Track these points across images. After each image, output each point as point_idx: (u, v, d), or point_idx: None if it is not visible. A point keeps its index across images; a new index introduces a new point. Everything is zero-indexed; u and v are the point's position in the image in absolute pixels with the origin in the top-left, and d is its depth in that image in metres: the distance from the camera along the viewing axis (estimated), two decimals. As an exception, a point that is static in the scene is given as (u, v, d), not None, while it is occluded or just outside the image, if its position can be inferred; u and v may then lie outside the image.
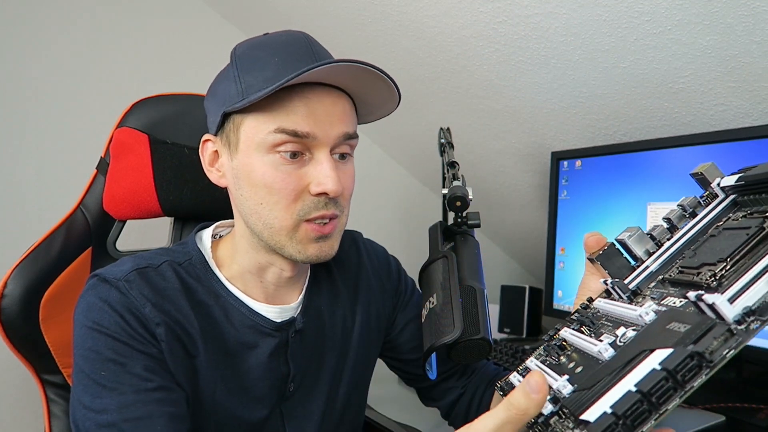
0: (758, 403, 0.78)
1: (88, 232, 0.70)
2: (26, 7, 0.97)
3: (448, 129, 0.79)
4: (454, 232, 0.63)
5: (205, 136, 0.56)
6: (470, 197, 0.59)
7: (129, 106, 0.72)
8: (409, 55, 1.02)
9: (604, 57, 0.83)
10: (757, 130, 0.75)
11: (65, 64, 1.00)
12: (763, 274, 0.26)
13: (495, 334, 1.22)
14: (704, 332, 0.26)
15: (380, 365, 0.72)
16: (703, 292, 0.28)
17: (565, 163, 1.04)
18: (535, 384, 0.27)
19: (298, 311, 0.58)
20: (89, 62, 1.03)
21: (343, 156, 0.53)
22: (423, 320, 0.54)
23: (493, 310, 1.24)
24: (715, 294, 0.26)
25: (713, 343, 0.25)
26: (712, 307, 0.26)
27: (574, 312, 0.40)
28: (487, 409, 0.64)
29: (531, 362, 0.38)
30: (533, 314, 1.20)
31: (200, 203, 0.73)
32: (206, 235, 0.58)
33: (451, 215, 0.63)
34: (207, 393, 0.51)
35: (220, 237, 0.60)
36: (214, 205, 0.73)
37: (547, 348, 0.39)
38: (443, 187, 0.69)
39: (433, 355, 0.55)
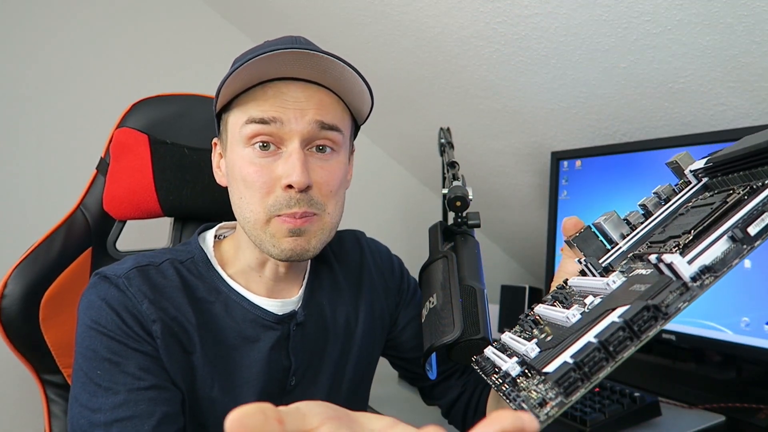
0: (758, 403, 0.78)
1: (88, 232, 0.70)
2: (25, 7, 0.97)
3: (448, 129, 0.79)
4: (454, 232, 0.63)
5: (214, 140, 0.59)
6: (470, 197, 0.59)
7: (129, 106, 0.72)
8: (409, 55, 1.02)
9: (604, 57, 0.83)
10: (757, 130, 0.75)
11: (65, 64, 1.00)
12: (721, 237, 0.28)
13: (495, 334, 1.22)
14: (661, 288, 0.28)
15: (380, 364, 0.72)
16: (663, 254, 0.29)
17: (565, 163, 1.04)
18: None
19: (299, 305, 0.59)
20: (89, 62, 1.03)
21: (322, 149, 0.52)
22: (423, 320, 0.54)
23: (493, 310, 1.24)
24: (674, 254, 0.28)
25: (669, 296, 0.27)
26: (670, 266, 0.28)
27: (550, 292, 0.42)
28: (485, 407, 0.64)
29: (505, 336, 0.40)
30: (533, 314, 1.19)
31: (200, 203, 0.72)
32: (209, 235, 0.60)
33: (451, 215, 0.63)
34: (204, 389, 0.52)
35: (224, 237, 0.61)
36: (214, 206, 0.73)
37: (522, 323, 0.40)
38: (443, 187, 0.69)
39: (433, 355, 0.55)
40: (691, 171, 0.38)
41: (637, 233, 0.39)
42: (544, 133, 1.05)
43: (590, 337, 0.28)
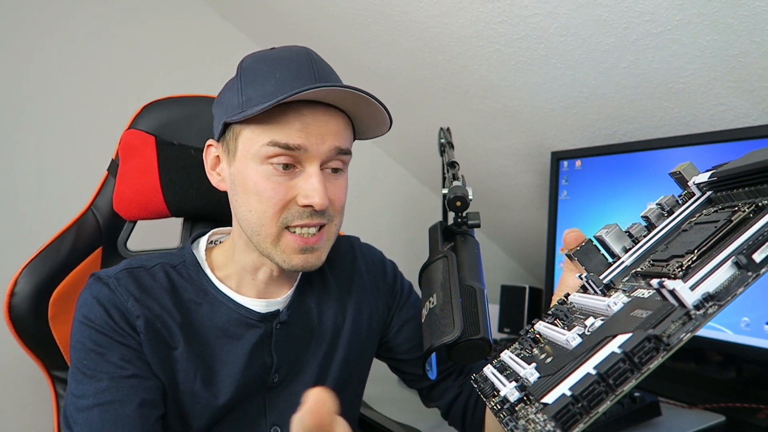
0: (758, 403, 0.78)
1: (98, 232, 0.71)
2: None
3: (448, 129, 0.79)
4: (454, 232, 0.63)
5: (209, 141, 0.59)
6: (470, 197, 0.59)
7: (139, 108, 0.73)
8: (409, 55, 1.02)
9: (604, 57, 0.83)
10: (757, 130, 0.75)
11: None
12: (725, 262, 0.27)
13: (495, 334, 1.22)
14: (663, 317, 0.27)
15: (379, 365, 0.72)
16: (665, 279, 0.28)
17: (565, 163, 1.04)
18: None
19: (285, 304, 0.60)
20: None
21: (335, 170, 0.55)
22: (423, 320, 0.54)
23: (493, 310, 1.24)
24: (676, 281, 0.27)
25: (671, 326, 0.26)
26: (673, 293, 0.27)
27: (551, 307, 0.41)
28: (483, 408, 0.64)
29: (505, 355, 0.39)
30: (533, 314, 1.20)
31: (206, 203, 0.73)
32: (203, 241, 0.62)
33: (451, 215, 0.63)
34: (187, 382, 0.54)
35: (218, 243, 0.64)
36: (220, 206, 0.73)
37: (522, 341, 0.40)
38: (443, 187, 0.69)
39: (433, 355, 0.55)
40: (695, 183, 0.37)
41: (640, 247, 0.38)
42: (544, 133, 1.05)
43: (589, 367, 0.27)
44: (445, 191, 0.65)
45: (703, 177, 0.36)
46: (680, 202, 0.39)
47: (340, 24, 1.02)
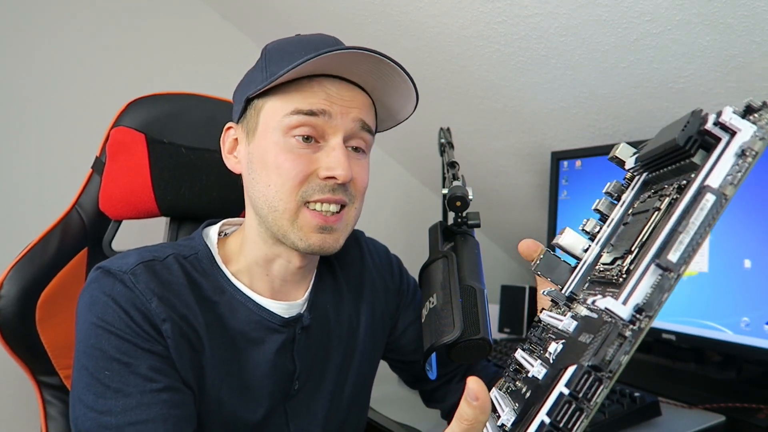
0: (758, 403, 0.78)
1: (83, 232, 0.69)
2: (22, 5, 0.97)
3: (448, 129, 0.79)
4: (454, 232, 0.63)
5: (228, 124, 0.57)
6: (470, 197, 0.59)
7: (124, 105, 0.71)
8: (409, 55, 1.02)
9: (604, 57, 0.83)
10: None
11: (61, 63, 1.00)
12: (649, 267, 0.26)
13: (495, 334, 1.22)
14: (602, 342, 0.26)
15: (380, 365, 0.72)
16: (598, 297, 0.28)
17: (565, 163, 1.04)
18: (472, 392, 0.29)
19: (305, 307, 0.58)
20: (85, 61, 1.02)
21: (356, 149, 0.54)
22: (423, 320, 0.54)
23: (493, 310, 1.24)
24: (606, 299, 0.26)
25: (609, 351, 0.25)
26: (607, 311, 0.26)
27: (529, 330, 0.40)
28: None
29: (494, 392, 0.37)
30: (533, 314, 1.19)
31: (198, 203, 0.72)
32: (213, 231, 0.58)
33: (451, 215, 0.63)
34: (212, 390, 0.50)
35: (227, 234, 0.60)
36: (212, 205, 0.73)
37: (507, 374, 0.38)
38: (443, 187, 0.69)
39: (433, 355, 0.55)
40: (629, 168, 0.36)
41: (597, 243, 0.36)
42: (544, 133, 1.05)
43: (543, 414, 0.26)
44: (445, 191, 0.64)
45: (631, 162, 0.35)
46: (625, 186, 0.37)
47: (340, 24, 1.02)
